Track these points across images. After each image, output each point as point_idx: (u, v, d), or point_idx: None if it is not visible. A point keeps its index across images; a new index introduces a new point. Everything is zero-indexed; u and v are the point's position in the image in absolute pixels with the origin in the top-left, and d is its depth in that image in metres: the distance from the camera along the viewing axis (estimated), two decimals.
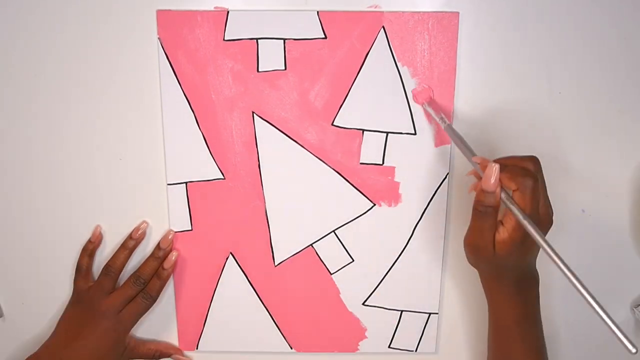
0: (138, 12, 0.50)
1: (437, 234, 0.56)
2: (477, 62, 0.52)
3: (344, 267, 0.57)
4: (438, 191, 0.55)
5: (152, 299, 0.54)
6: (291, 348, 0.59)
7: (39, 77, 0.52)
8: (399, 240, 0.56)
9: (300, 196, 0.55)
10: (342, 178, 0.54)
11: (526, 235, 0.41)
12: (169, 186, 0.54)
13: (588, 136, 0.54)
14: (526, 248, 0.43)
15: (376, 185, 0.54)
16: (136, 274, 0.54)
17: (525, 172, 0.42)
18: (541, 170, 0.43)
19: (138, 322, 0.55)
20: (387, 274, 0.57)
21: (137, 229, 0.55)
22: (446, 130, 0.49)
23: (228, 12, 0.50)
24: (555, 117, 0.53)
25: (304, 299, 0.58)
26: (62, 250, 0.56)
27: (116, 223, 0.56)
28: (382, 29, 0.50)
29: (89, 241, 0.56)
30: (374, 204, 0.55)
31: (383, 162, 0.54)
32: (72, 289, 0.56)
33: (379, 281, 0.57)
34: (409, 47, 0.51)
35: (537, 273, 0.48)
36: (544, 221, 0.43)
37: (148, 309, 0.54)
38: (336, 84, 0.52)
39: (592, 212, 0.56)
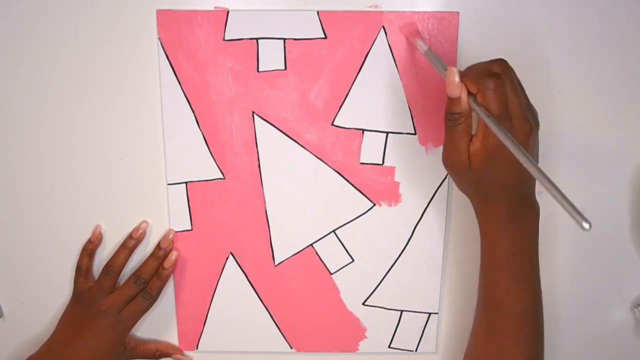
0: (138, 12, 0.50)
1: (437, 234, 0.56)
2: (477, 62, 0.51)
3: (344, 267, 0.57)
4: (438, 191, 0.55)
5: (152, 299, 0.54)
6: (291, 348, 0.59)
7: (39, 77, 0.52)
8: (399, 240, 0.56)
9: (300, 196, 0.55)
10: (342, 178, 0.54)
11: (503, 145, 0.36)
12: (169, 186, 0.54)
13: (588, 136, 0.54)
14: (506, 161, 0.39)
15: (376, 185, 0.54)
16: (136, 274, 0.54)
17: (488, 72, 0.39)
18: (511, 71, 0.40)
19: (138, 322, 0.55)
20: (387, 274, 0.57)
21: (137, 228, 0.55)
22: (425, 55, 0.46)
23: (228, 12, 0.50)
24: (555, 117, 0.53)
25: (304, 299, 0.58)
26: (62, 250, 0.56)
27: (116, 223, 0.56)
28: (382, 29, 0.50)
29: (89, 241, 0.56)
30: (374, 204, 0.55)
31: (383, 162, 0.54)
32: (72, 289, 0.56)
33: (379, 281, 0.57)
34: (409, 47, 0.51)
35: (537, 204, 0.44)
36: (519, 124, 0.39)
37: (148, 308, 0.54)
38: (336, 84, 0.52)
39: (592, 212, 0.56)
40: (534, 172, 0.32)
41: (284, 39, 0.51)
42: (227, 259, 0.57)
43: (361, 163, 0.54)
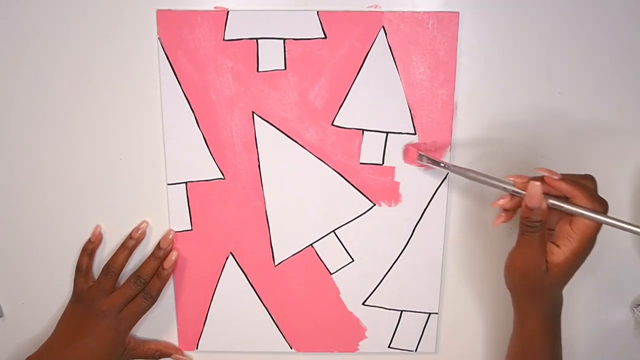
0: (138, 12, 0.50)
1: (437, 234, 0.56)
2: (477, 62, 0.52)
3: (344, 267, 0.57)
4: (438, 191, 0.55)
5: (152, 299, 0.54)
6: (291, 348, 0.59)
7: (39, 77, 0.52)
8: (399, 240, 0.56)
9: (300, 196, 0.55)
10: (342, 178, 0.54)
11: (580, 258, 0.42)
12: (169, 186, 0.54)
13: (588, 136, 0.54)
14: (574, 271, 0.43)
15: (376, 185, 0.54)
16: (136, 274, 0.54)
17: (583, 176, 0.42)
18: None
19: (138, 322, 0.55)
20: (387, 274, 0.57)
21: (137, 228, 0.55)
22: (453, 171, 0.49)
23: (228, 12, 0.50)
24: (555, 117, 0.53)
25: (304, 299, 0.58)
26: (62, 250, 0.56)
27: (116, 223, 0.56)
28: (382, 29, 0.50)
29: (89, 241, 0.56)
30: (374, 204, 0.55)
31: (383, 162, 0.54)
32: (72, 289, 0.56)
33: (379, 281, 0.57)
34: (409, 47, 0.51)
35: (562, 297, 0.48)
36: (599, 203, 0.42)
37: (148, 308, 0.54)
38: (336, 84, 0.52)
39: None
40: None
41: (284, 39, 0.51)
42: (227, 259, 0.57)
43: (361, 163, 0.54)
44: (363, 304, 0.58)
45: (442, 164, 0.50)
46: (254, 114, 0.53)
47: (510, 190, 0.45)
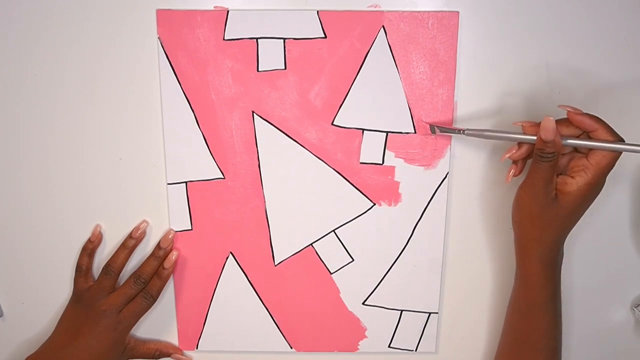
0: (138, 12, 0.50)
1: (437, 234, 0.56)
2: (477, 61, 0.52)
3: (344, 267, 0.57)
4: (438, 191, 0.55)
5: (153, 299, 0.54)
6: (291, 348, 0.59)
7: (39, 77, 0.52)
8: (399, 240, 0.56)
9: (300, 196, 0.55)
10: (342, 178, 0.54)
11: (591, 196, 0.44)
12: (169, 186, 0.54)
13: None
14: (583, 209, 0.46)
15: (376, 185, 0.54)
16: (136, 274, 0.54)
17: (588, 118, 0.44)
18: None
19: (138, 322, 0.55)
20: (387, 274, 0.57)
21: (137, 228, 0.55)
22: (469, 135, 0.49)
23: (228, 11, 0.50)
24: (555, 117, 0.53)
25: (304, 299, 0.58)
26: (62, 250, 0.56)
27: (116, 223, 0.56)
28: (382, 28, 0.50)
29: (89, 241, 0.56)
30: (374, 204, 0.55)
31: (383, 162, 0.54)
32: (72, 289, 0.56)
33: (379, 281, 0.57)
34: (409, 47, 0.51)
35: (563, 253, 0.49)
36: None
37: (148, 308, 0.54)
38: (336, 83, 0.52)
39: (592, 212, 0.56)
40: None
41: (284, 39, 0.51)
42: (227, 258, 0.57)
43: (361, 163, 0.54)
44: (363, 303, 0.58)
45: (457, 130, 0.50)
46: (254, 114, 0.53)
47: (524, 140, 0.46)
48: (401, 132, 0.53)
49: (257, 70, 0.51)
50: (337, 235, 0.56)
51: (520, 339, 0.51)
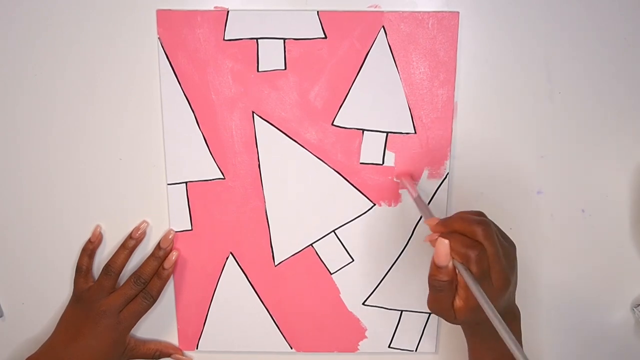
0: (138, 12, 0.50)
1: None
2: (477, 62, 0.52)
3: (344, 267, 0.57)
4: (438, 191, 0.55)
5: (153, 299, 0.54)
6: (291, 348, 0.59)
7: (39, 77, 0.52)
8: (399, 240, 0.56)
9: (300, 196, 0.55)
10: (342, 178, 0.54)
11: (478, 302, 0.39)
12: (169, 186, 0.54)
13: (588, 136, 0.54)
14: (483, 310, 0.41)
15: (376, 185, 0.54)
16: (136, 274, 0.54)
17: (471, 243, 0.40)
18: (492, 235, 0.40)
19: (138, 322, 0.55)
20: (387, 274, 0.57)
21: (137, 228, 0.55)
22: (415, 201, 0.50)
23: (228, 12, 0.50)
24: (555, 117, 0.53)
25: (304, 299, 0.58)
26: (62, 250, 0.56)
27: (116, 223, 0.56)
28: (382, 29, 0.50)
29: (89, 241, 0.56)
30: (374, 204, 0.55)
31: (383, 162, 0.54)
32: (72, 289, 0.56)
33: (379, 281, 0.57)
34: (409, 47, 0.51)
35: (517, 309, 0.46)
36: (498, 285, 0.40)
37: (148, 309, 0.54)
38: (336, 84, 0.52)
39: (592, 212, 0.56)
40: (502, 334, 0.35)
41: (284, 39, 0.51)
42: (227, 259, 0.57)
43: (361, 163, 0.54)
44: (363, 304, 0.58)
45: (413, 194, 0.50)
46: (254, 114, 0.53)
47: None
48: (401, 133, 0.53)
49: (257, 71, 0.51)
50: (337, 236, 0.56)
51: None
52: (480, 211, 0.44)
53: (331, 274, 0.57)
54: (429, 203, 0.55)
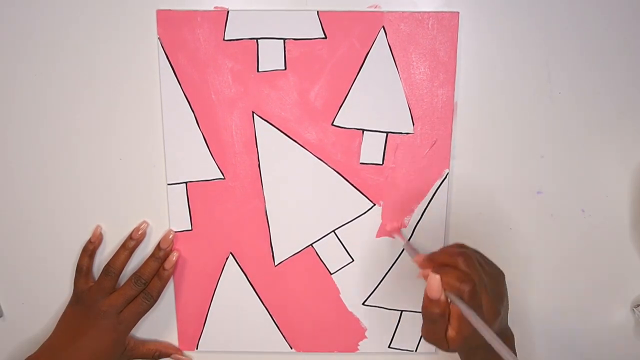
0: (138, 12, 0.50)
1: (437, 234, 0.56)
2: (477, 62, 0.52)
3: (344, 267, 0.57)
4: (438, 191, 0.55)
5: (153, 300, 0.54)
6: (291, 348, 0.59)
7: (39, 77, 0.52)
8: (399, 240, 0.56)
9: (300, 196, 0.55)
10: (342, 178, 0.54)
11: (472, 331, 0.40)
12: (169, 186, 0.54)
13: (588, 136, 0.54)
14: (478, 338, 0.42)
15: (376, 185, 0.54)
16: (137, 275, 0.54)
17: (464, 277, 0.41)
18: (473, 265, 0.42)
19: (138, 322, 0.55)
20: (387, 274, 0.57)
21: (137, 229, 0.55)
22: (405, 247, 0.52)
23: (228, 12, 0.50)
24: (555, 117, 0.53)
25: (304, 299, 0.58)
26: (62, 251, 0.56)
27: (116, 223, 0.56)
28: (382, 29, 0.50)
29: (89, 241, 0.56)
30: (374, 204, 0.55)
31: (383, 162, 0.54)
32: (72, 289, 0.56)
33: (379, 281, 0.57)
34: (409, 47, 0.51)
35: (510, 331, 0.47)
36: (489, 314, 0.42)
37: (149, 309, 0.54)
38: (336, 84, 0.52)
39: (592, 212, 0.56)
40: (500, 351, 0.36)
41: (284, 39, 0.51)
42: (227, 259, 0.57)
43: (361, 163, 0.54)
44: (363, 304, 0.58)
45: (403, 241, 0.53)
46: (254, 114, 0.53)
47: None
48: (401, 133, 0.53)
49: (257, 71, 0.51)
50: (337, 236, 0.56)
51: None
52: (461, 243, 0.47)
53: (331, 274, 0.57)
54: (428, 204, 0.55)
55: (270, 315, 0.58)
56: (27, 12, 0.50)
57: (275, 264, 0.57)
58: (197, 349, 0.59)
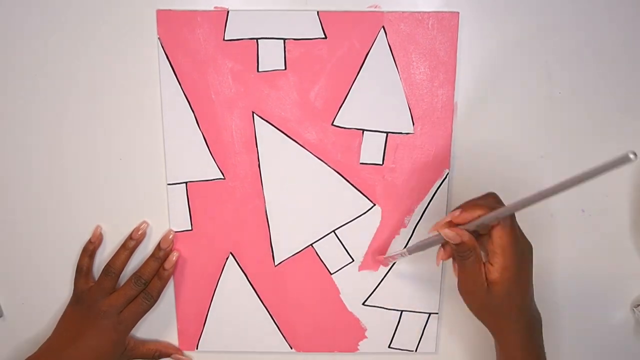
0: (138, 12, 0.50)
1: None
2: (477, 62, 0.52)
3: (344, 267, 0.57)
4: (438, 191, 0.55)
5: (153, 300, 0.54)
6: (291, 348, 0.59)
7: (39, 77, 0.52)
8: (399, 241, 0.56)
9: (300, 196, 0.55)
10: (342, 178, 0.54)
11: (519, 271, 0.44)
12: (169, 186, 0.54)
13: (588, 136, 0.54)
14: (521, 285, 0.45)
15: (376, 185, 0.54)
16: (137, 275, 0.54)
17: (480, 201, 0.45)
18: (499, 200, 0.46)
19: (138, 323, 0.55)
20: (387, 274, 0.57)
21: (137, 229, 0.55)
22: (410, 251, 0.52)
23: (228, 12, 0.50)
24: (555, 117, 0.53)
25: (304, 299, 0.58)
26: (62, 251, 0.56)
27: (116, 223, 0.56)
28: (382, 29, 0.50)
29: (89, 241, 0.55)
30: (374, 204, 0.55)
31: (383, 162, 0.54)
32: (72, 289, 0.56)
33: (379, 281, 0.57)
34: (409, 47, 0.51)
35: (539, 313, 0.48)
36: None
37: (149, 309, 0.54)
38: (336, 84, 0.52)
39: (592, 212, 0.56)
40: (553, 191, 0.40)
41: (284, 39, 0.51)
42: (227, 259, 0.57)
43: (361, 163, 0.54)
44: (363, 304, 0.58)
45: (400, 254, 0.53)
46: (254, 114, 0.53)
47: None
48: (401, 133, 0.53)
49: (257, 71, 0.51)
50: (337, 236, 0.56)
51: None
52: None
53: (331, 274, 0.57)
54: (428, 203, 0.55)
55: (270, 315, 0.58)
56: (27, 12, 0.50)
57: (275, 264, 0.57)
58: (197, 349, 0.59)
